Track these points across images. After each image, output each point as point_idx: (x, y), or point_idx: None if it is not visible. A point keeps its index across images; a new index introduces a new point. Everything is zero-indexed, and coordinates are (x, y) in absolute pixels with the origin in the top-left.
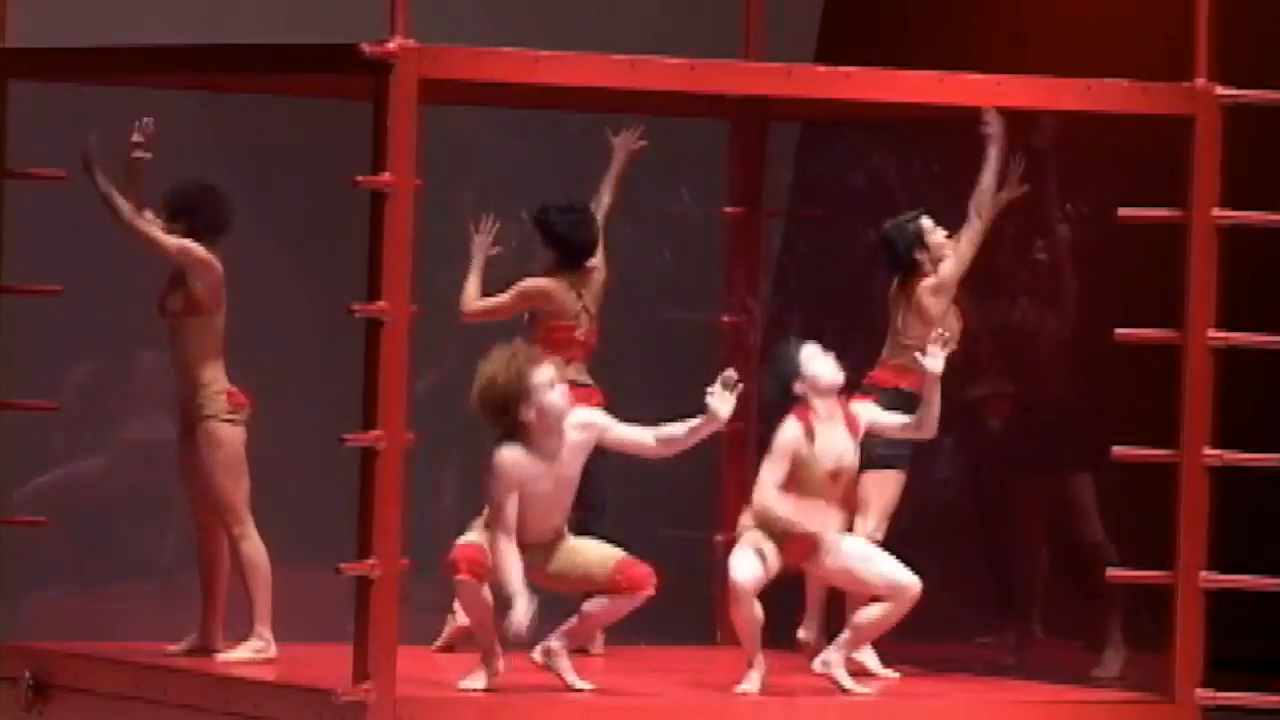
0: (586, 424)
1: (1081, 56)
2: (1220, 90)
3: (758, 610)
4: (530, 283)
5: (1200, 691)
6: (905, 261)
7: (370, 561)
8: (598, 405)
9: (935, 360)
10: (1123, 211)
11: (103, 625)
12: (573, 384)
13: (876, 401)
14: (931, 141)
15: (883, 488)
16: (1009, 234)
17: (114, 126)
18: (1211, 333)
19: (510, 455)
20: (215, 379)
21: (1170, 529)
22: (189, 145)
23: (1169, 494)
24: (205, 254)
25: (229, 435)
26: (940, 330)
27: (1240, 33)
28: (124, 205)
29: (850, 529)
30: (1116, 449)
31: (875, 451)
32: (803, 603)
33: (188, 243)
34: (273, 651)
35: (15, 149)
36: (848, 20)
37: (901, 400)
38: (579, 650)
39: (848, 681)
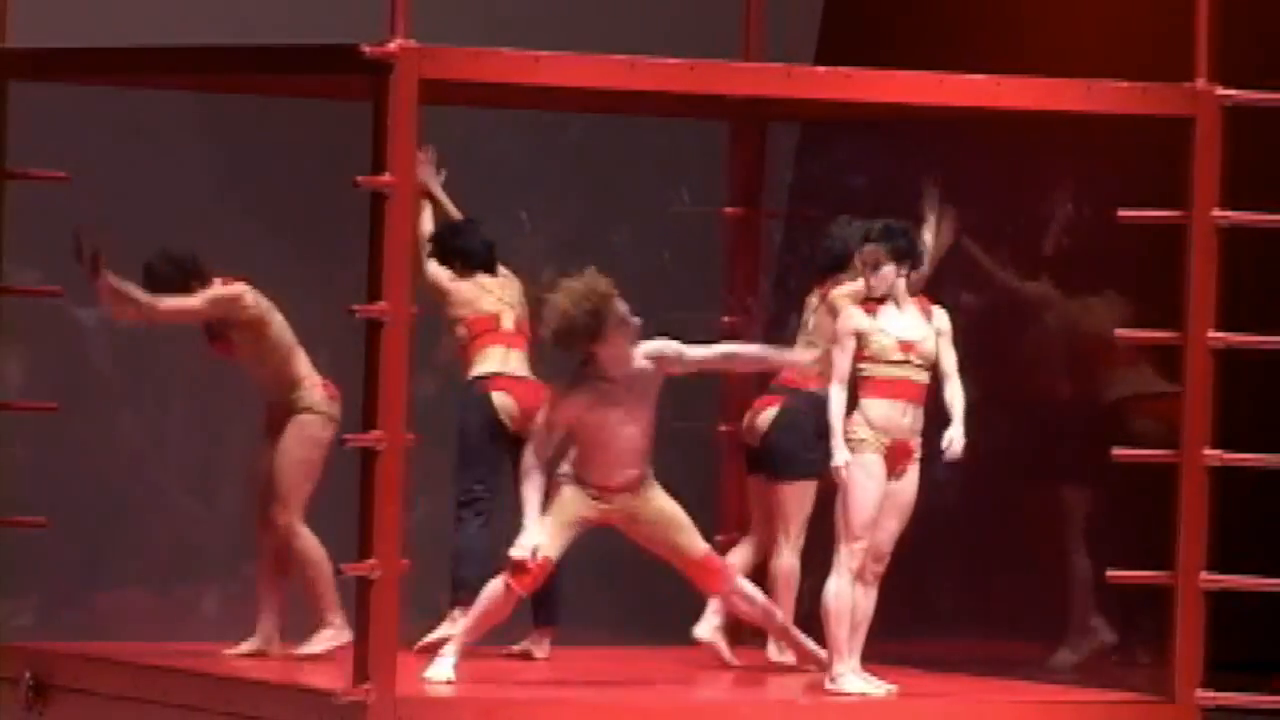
0: (656, 353)
1: (1081, 56)
2: (1220, 91)
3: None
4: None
5: (1200, 692)
6: (840, 261)
7: (370, 562)
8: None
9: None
10: (1123, 212)
11: (102, 625)
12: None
13: (785, 404)
14: (931, 142)
15: (803, 499)
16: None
17: (114, 127)
18: (1211, 333)
19: (573, 393)
20: (309, 372)
21: (1170, 529)
22: (189, 145)
23: (1170, 495)
24: (229, 292)
25: (321, 435)
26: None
27: (1240, 33)
28: (139, 295)
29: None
30: (1116, 449)
31: (800, 460)
32: None
33: (213, 294)
34: (347, 636)
35: (15, 149)
36: (848, 20)
37: (810, 401)
38: (523, 655)
39: (867, 686)
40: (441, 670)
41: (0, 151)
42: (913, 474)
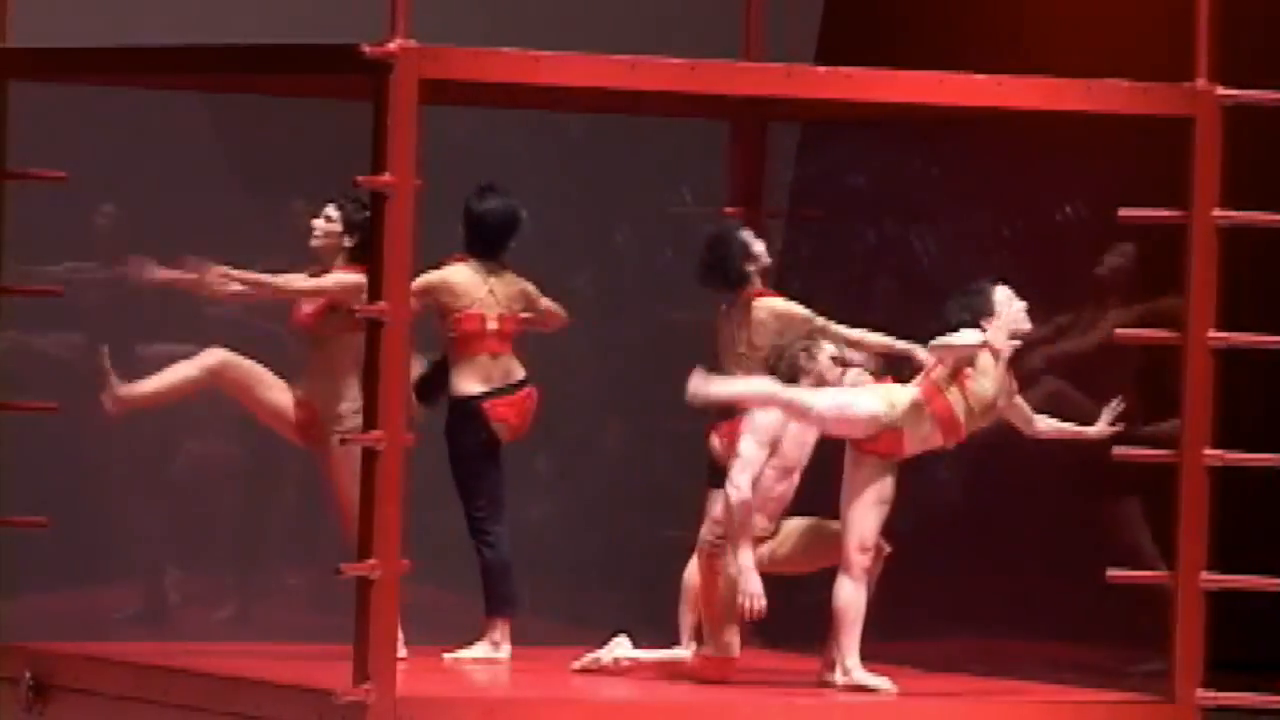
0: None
1: (1081, 56)
2: (1220, 91)
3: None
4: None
5: (1200, 692)
6: (734, 275)
7: (370, 562)
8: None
9: None
10: (1123, 212)
11: (103, 625)
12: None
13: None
14: (931, 142)
15: None
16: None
17: (114, 126)
18: (1211, 333)
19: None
20: (358, 395)
21: (1170, 529)
22: (189, 145)
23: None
24: (360, 279)
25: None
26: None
27: (1240, 33)
28: (264, 279)
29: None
30: (1116, 449)
31: None
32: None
33: (344, 278)
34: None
35: (15, 149)
36: (848, 20)
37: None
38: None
39: (873, 680)
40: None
41: (0, 151)
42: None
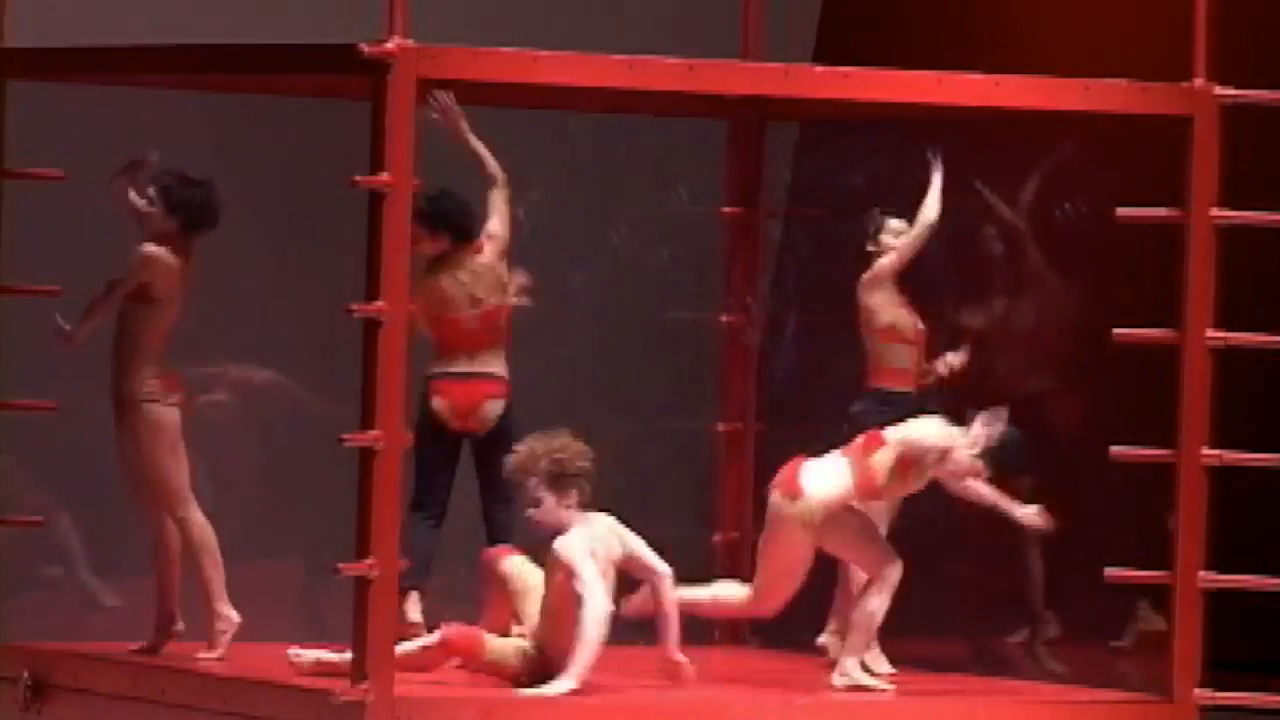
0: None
1: (1081, 56)
2: (1219, 90)
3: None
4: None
5: (1199, 691)
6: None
7: (369, 562)
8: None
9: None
10: (1121, 211)
11: (102, 625)
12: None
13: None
14: (930, 141)
15: None
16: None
17: (114, 126)
18: (1210, 333)
19: None
20: (148, 366)
21: (1169, 529)
22: (189, 145)
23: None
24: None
25: (165, 418)
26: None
27: (1240, 33)
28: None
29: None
30: (1115, 449)
31: None
32: (828, 607)
33: (149, 249)
34: (235, 624)
35: (15, 149)
36: (846, 20)
37: (885, 399)
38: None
39: (869, 680)
40: None
41: (0, 151)
42: None
